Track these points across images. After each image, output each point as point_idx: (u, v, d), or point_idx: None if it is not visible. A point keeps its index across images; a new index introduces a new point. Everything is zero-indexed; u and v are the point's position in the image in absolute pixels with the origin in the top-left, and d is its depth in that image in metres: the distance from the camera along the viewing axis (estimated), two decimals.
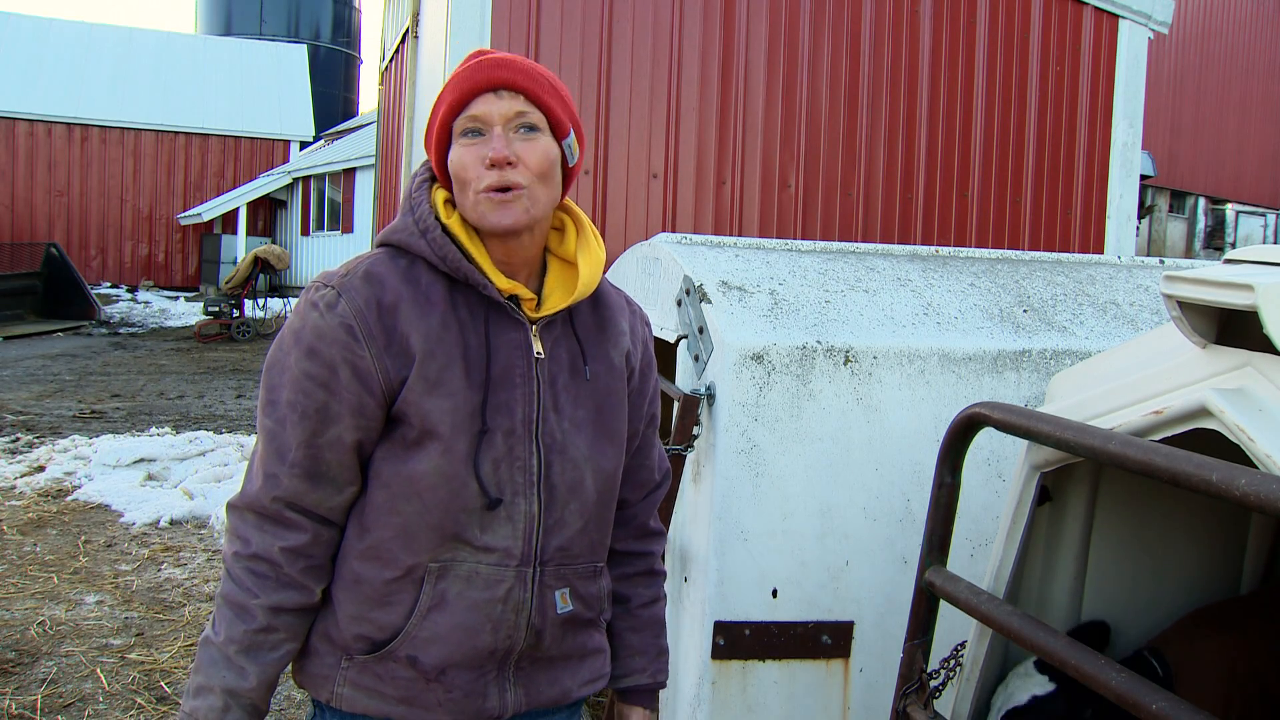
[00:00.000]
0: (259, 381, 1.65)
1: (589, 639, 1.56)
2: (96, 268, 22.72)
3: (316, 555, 1.43)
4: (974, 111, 6.20)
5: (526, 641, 1.47)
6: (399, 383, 1.37)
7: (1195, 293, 1.58)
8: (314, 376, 1.37)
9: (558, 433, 1.46)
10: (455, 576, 1.42)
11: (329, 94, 29.49)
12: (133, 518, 5.96)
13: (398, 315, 1.38)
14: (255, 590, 1.39)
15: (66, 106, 22.83)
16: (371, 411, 1.38)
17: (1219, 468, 1.26)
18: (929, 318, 2.51)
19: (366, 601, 1.42)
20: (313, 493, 1.40)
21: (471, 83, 1.39)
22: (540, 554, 1.46)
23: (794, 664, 2.37)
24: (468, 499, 1.40)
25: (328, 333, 1.36)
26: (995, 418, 1.69)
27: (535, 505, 1.44)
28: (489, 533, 1.42)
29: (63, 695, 3.76)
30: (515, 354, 1.43)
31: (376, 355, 1.36)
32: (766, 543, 2.32)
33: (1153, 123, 17.33)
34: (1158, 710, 1.32)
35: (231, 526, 1.43)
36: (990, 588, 1.95)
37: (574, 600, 1.51)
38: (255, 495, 1.40)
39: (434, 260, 1.41)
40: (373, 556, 1.42)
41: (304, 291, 1.43)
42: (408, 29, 6.91)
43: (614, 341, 1.56)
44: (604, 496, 1.52)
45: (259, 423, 1.43)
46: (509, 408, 1.41)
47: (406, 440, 1.39)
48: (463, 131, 1.40)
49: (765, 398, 2.31)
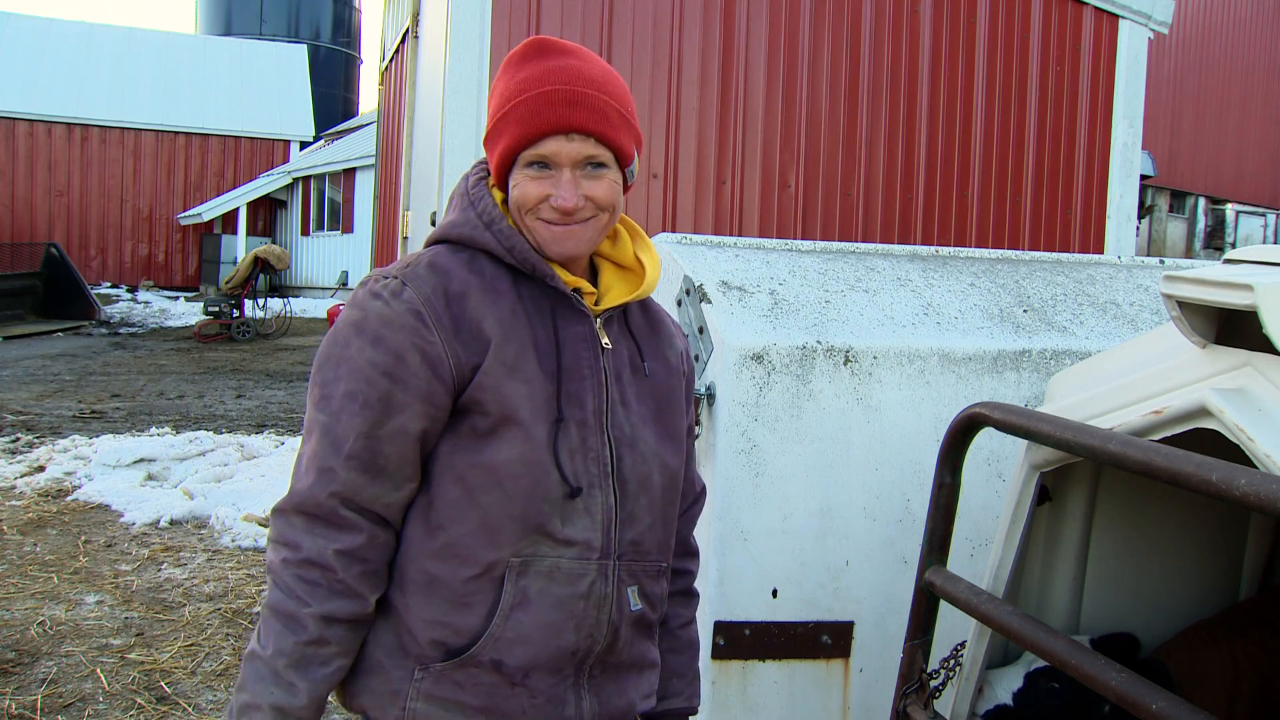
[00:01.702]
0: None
1: (648, 650, 1.52)
2: (96, 268, 22.72)
3: (373, 559, 1.35)
4: (974, 111, 6.20)
5: (605, 640, 1.42)
6: (470, 370, 1.34)
7: (1195, 293, 1.58)
8: (379, 365, 1.32)
9: (626, 426, 1.44)
10: (537, 573, 1.36)
11: (329, 94, 29.49)
12: (133, 518, 5.96)
13: (466, 302, 1.35)
14: (306, 598, 1.31)
15: (66, 106, 22.83)
16: (440, 399, 1.34)
17: (1219, 468, 1.26)
18: (929, 318, 2.51)
19: (443, 604, 1.35)
20: (370, 487, 1.33)
21: (543, 123, 1.35)
22: (617, 548, 1.42)
23: (794, 664, 2.36)
24: (550, 488, 1.36)
25: (394, 319, 1.32)
26: (995, 418, 1.69)
27: (611, 497, 1.41)
28: (569, 525, 1.37)
29: (63, 695, 3.76)
30: (582, 345, 1.41)
31: (446, 341, 1.33)
32: (766, 543, 2.32)
33: (1153, 123, 17.32)
34: (1158, 710, 1.32)
35: (277, 533, 1.35)
36: (990, 587, 1.95)
37: (641, 599, 1.46)
38: (306, 493, 1.33)
39: (500, 253, 1.40)
40: (449, 555, 1.35)
41: (360, 287, 1.38)
42: (408, 29, 6.91)
43: (668, 342, 1.57)
44: (669, 494, 1.50)
45: (309, 420, 1.36)
46: (580, 398, 1.39)
47: (479, 430, 1.35)
48: (528, 163, 1.38)
49: (765, 398, 2.31)
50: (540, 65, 1.38)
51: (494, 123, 1.41)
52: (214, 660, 4.10)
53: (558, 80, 1.36)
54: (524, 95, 1.36)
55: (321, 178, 22.13)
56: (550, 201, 1.37)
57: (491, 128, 1.42)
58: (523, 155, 1.38)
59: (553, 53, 1.40)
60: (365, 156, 18.81)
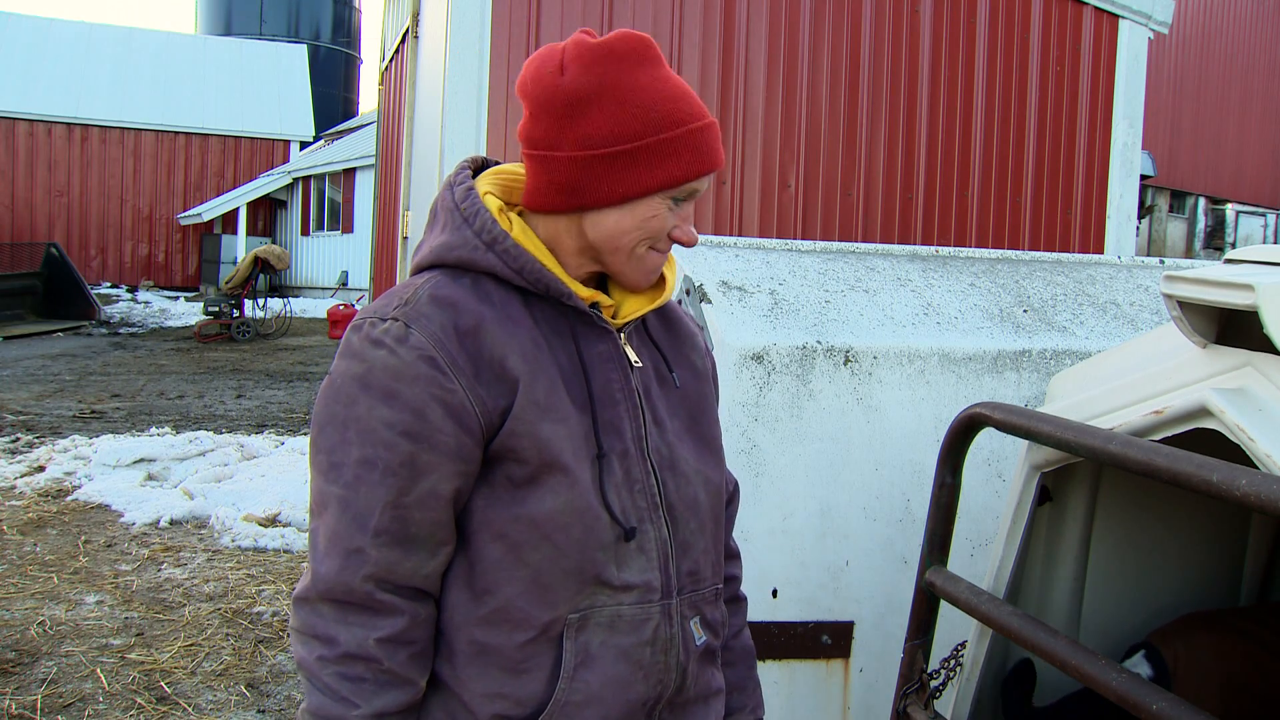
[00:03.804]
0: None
1: (713, 678, 1.40)
2: (96, 268, 22.72)
3: (419, 639, 1.22)
4: (974, 111, 6.20)
5: (675, 683, 1.31)
6: (499, 415, 1.19)
7: (1195, 293, 1.58)
8: (395, 425, 1.16)
9: (663, 448, 1.32)
10: (597, 625, 1.24)
11: (329, 94, 29.50)
12: (133, 518, 5.96)
13: (481, 338, 1.20)
14: (353, 699, 1.17)
15: (66, 106, 22.84)
16: (470, 452, 1.20)
17: (1220, 468, 1.26)
18: (929, 318, 2.51)
19: (499, 674, 1.23)
20: (406, 561, 1.19)
21: (714, 159, 1.26)
22: (676, 583, 1.31)
23: (794, 664, 2.36)
24: (601, 533, 1.23)
25: (405, 370, 1.16)
26: (996, 418, 1.69)
27: (664, 529, 1.29)
28: (626, 568, 1.25)
29: (63, 695, 3.76)
30: (610, 367, 1.29)
31: (468, 386, 1.18)
32: (766, 543, 2.32)
33: (1153, 123, 17.33)
34: (1158, 711, 1.32)
35: (304, 624, 1.20)
36: (990, 588, 1.95)
37: (704, 629, 1.35)
38: (334, 580, 1.17)
39: (506, 275, 1.24)
40: (500, 620, 1.22)
41: (352, 332, 1.23)
42: (408, 29, 6.91)
43: (690, 344, 1.46)
44: (716, 511, 1.39)
45: (318, 491, 1.21)
46: (617, 427, 1.27)
47: (515, 479, 1.22)
48: (679, 196, 1.26)
49: (765, 398, 2.31)
50: (675, 82, 1.27)
51: (651, 143, 1.22)
52: (214, 660, 4.10)
53: (704, 112, 1.27)
54: (690, 125, 1.24)
55: (321, 178, 22.13)
56: (673, 233, 1.27)
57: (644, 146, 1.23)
58: (674, 190, 1.25)
59: (662, 60, 1.28)
60: (365, 156, 18.82)
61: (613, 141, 1.22)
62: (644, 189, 1.23)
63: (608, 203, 1.24)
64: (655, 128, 1.22)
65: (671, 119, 1.23)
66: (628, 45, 1.25)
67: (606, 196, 1.24)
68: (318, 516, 1.21)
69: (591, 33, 1.29)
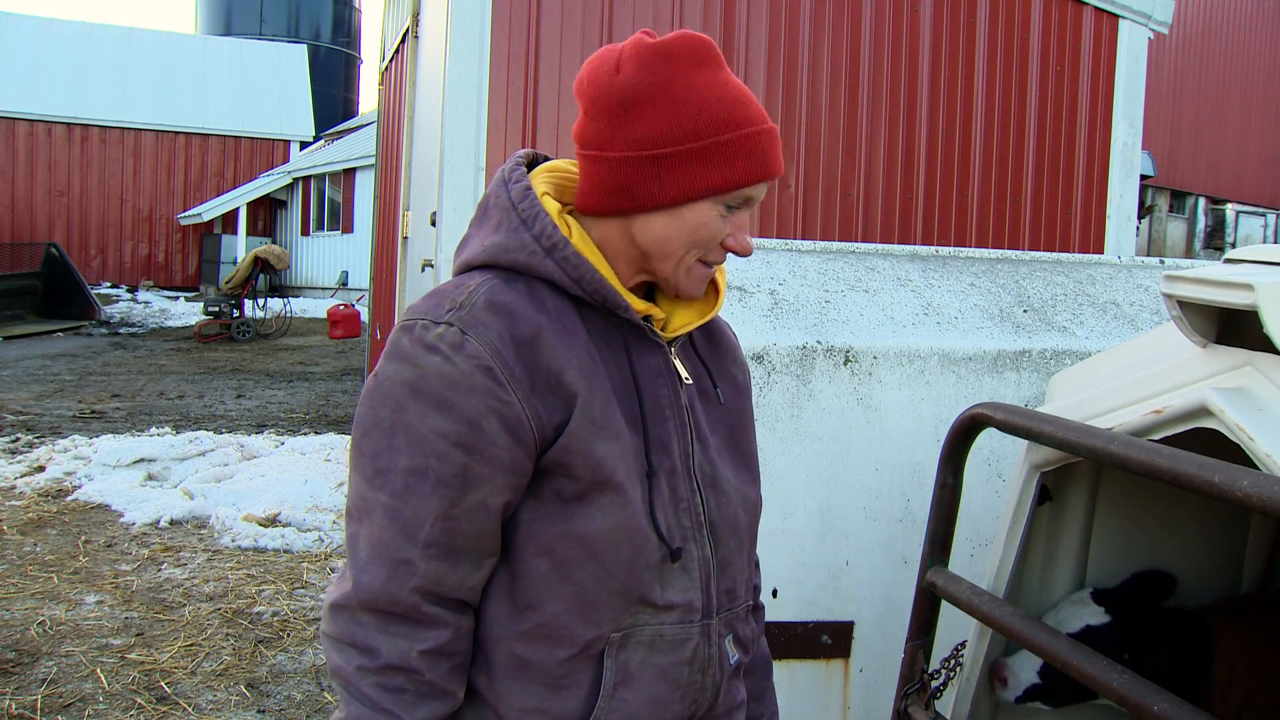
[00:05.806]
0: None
1: (738, 691, 1.40)
2: (96, 268, 22.73)
3: (460, 652, 1.20)
4: (974, 111, 6.20)
5: (709, 702, 1.31)
6: (554, 429, 1.17)
7: (1195, 292, 1.58)
8: (449, 435, 1.13)
9: (706, 465, 1.30)
10: (638, 644, 1.23)
11: (329, 94, 29.50)
12: (133, 518, 5.96)
13: (538, 349, 1.16)
14: (395, 710, 1.15)
15: (66, 106, 22.84)
16: (522, 466, 1.17)
17: (1221, 469, 1.26)
18: (929, 318, 2.51)
19: (539, 689, 1.21)
20: (453, 573, 1.16)
21: (774, 166, 1.22)
22: (716, 603, 1.30)
23: (794, 664, 2.36)
24: (649, 553, 1.21)
25: (461, 379, 1.12)
26: (997, 418, 1.69)
27: (707, 549, 1.28)
28: (669, 589, 1.24)
29: (63, 695, 3.76)
30: (659, 382, 1.26)
31: (524, 399, 1.14)
32: (766, 543, 2.32)
33: (1153, 123, 17.34)
34: (1159, 711, 1.32)
35: (341, 633, 1.18)
36: (990, 587, 1.95)
37: (736, 647, 1.35)
38: (379, 590, 1.15)
39: (564, 283, 1.20)
40: (542, 636, 1.21)
41: (402, 333, 1.18)
42: (408, 29, 6.91)
43: (732, 357, 1.43)
44: (752, 530, 1.37)
45: (360, 497, 1.18)
46: (666, 444, 1.25)
47: (565, 495, 1.19)
48: (733, 203, 1.22)
49: (765, 398, 2.31)
50: (734, 86, 1.23)
51: (703, 146, 1.19)
52: (214, 660, 4.10)
53: (762, 117, 1.23)
54: (746, 130, 1.20)
55: (321, 178, 22.13)
56: (725, 242, 1.23)
57: (695, 149, 1.19)
58: (726, 197, 1.21)
59: (722, 63, 1.24)
60: (365, 156, 18.82)
61: (663, 143, 1.18)
62: (692, 193, 1.19)
63: (655, 206, 1.20)
64: (708, 131, 1.18)
65: (726, 122, 1.19)
66: (687, 46, 1.21)
67: (655, 199, 1.20)
68: (358, 522, 1.18)
69: (651, 33, 1.25)
